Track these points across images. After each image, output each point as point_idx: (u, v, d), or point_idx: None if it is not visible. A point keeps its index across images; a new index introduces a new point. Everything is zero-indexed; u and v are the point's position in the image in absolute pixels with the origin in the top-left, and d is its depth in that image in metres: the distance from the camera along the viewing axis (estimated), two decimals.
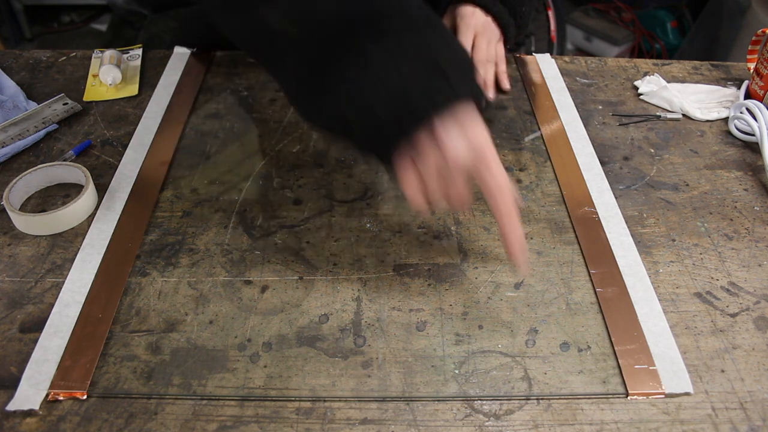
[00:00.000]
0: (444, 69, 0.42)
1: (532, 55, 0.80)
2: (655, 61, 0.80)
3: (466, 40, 0.71)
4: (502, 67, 0.74)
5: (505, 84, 0.73)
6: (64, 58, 0.78)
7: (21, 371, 0.44)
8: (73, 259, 0.52)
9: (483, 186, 0.44)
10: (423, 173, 0.44)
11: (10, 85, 0.70)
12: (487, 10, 0.71)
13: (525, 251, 0.49)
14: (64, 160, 0.61)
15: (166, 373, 0.44)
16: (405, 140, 0.43)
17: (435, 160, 0.43)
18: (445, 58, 0.42)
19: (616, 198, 0.59)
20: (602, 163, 0.63)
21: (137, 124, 0.66)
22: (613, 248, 0.54)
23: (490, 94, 0.71)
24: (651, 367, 0.45)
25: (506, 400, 0.43)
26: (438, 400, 0.43)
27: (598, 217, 0.57)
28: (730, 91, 0.73)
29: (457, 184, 0.43)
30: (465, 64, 0.45)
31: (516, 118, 0.70)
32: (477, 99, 0.44)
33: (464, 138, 0.42)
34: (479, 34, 0.71)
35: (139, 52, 0.78)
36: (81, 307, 0.48)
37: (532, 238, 0.55)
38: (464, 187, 0.44)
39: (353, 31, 0.42)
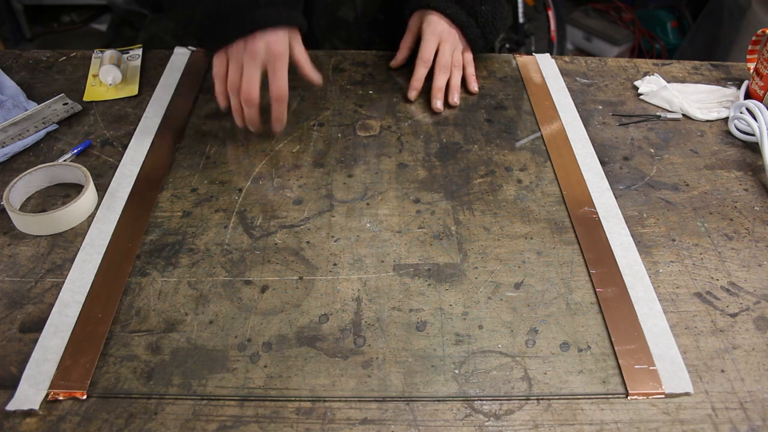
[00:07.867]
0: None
1: (532, 55, 0.80)
2: (655, 61, 0.80)
3: (430, 47, 0.72)
4: (470, 70, 0.75)
5: (473, 86, 0.74)
6: (64, 58, 0.78)
7: (21, 371, 0.44)
8: (73, 259, 0.52)
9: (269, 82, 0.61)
10: (229, 62, 0.62)
11: (10, 85, 0.70)
12: (442, 12, 0.72)
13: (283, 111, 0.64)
14: (64, 160, 0.61)
15: (166, 373, 0.44)
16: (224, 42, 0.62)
17: (238, 55, 0.61)
18: None
19: (616, 198, 0.59)
20: (602, 163, 0.63)
21: (137, 124, 0.66)
22: (613, 248, 0.54)
23: (455, 98, 0.72)
24: (651, 367, 0.45)
25: (506, 400, 0.43)
26: (438, 400, 0.43)
27: (598, 217, 0.57)
28: (730, 91, 0.73)
29: (249, 74, 0.60)
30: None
31: (516, 118, 0.70)
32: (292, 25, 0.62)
33: (265, 44, 0.60)
34: (444, 41, 0.73)
35: (139, 52, 0.78)
36: (81, 307, 0.48)
37: (532, 238, 0.55)
38: (255, 80, 0.60)
39: None
